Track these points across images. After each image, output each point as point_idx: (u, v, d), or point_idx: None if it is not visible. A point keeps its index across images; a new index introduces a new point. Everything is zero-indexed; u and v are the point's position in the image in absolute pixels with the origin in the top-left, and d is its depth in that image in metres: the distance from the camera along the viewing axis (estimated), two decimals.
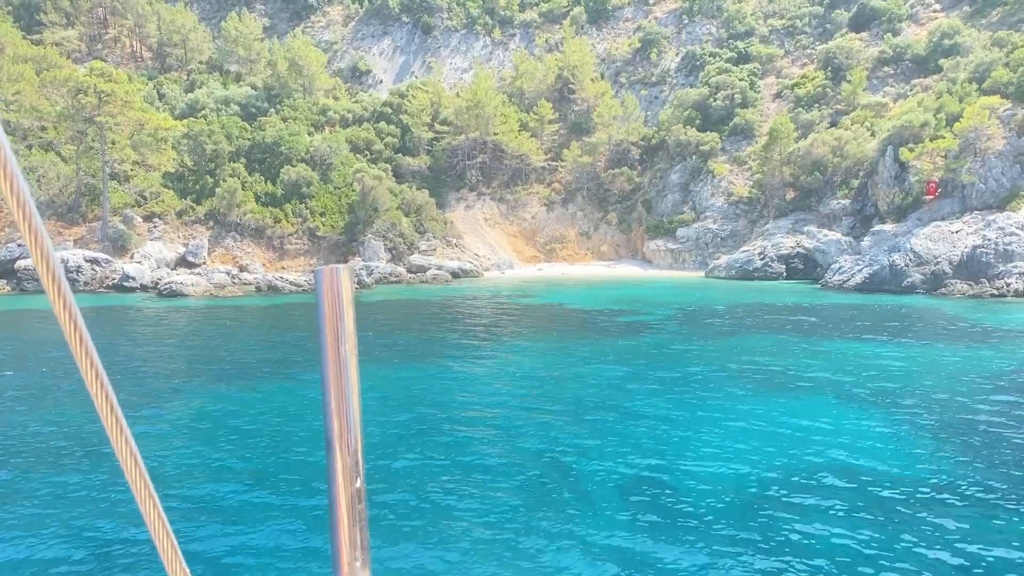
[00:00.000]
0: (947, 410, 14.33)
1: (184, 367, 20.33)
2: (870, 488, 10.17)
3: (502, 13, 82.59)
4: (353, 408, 1.19)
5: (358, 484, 1.19)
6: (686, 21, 76.48)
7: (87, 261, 42.14)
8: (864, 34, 65.63)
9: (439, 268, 51.21)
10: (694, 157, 60.02)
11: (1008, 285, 35.43)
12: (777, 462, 11.28)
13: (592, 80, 70.43)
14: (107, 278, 42.11)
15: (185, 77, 72.18)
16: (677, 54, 74.10)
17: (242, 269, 46.50)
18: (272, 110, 63.92)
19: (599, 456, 11.81)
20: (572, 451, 12.11)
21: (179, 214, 49.70)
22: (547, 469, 11.24)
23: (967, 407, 14.54)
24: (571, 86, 70.47)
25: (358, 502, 1.19)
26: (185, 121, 55.96)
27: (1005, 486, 10.20)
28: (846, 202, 50.92)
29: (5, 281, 40.66)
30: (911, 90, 56.94)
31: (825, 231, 48.89)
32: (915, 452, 11.79)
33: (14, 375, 18.54)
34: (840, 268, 42.52)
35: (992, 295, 35.21)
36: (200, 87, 67.86)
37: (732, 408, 14.60)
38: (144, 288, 41.56)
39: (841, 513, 9.33)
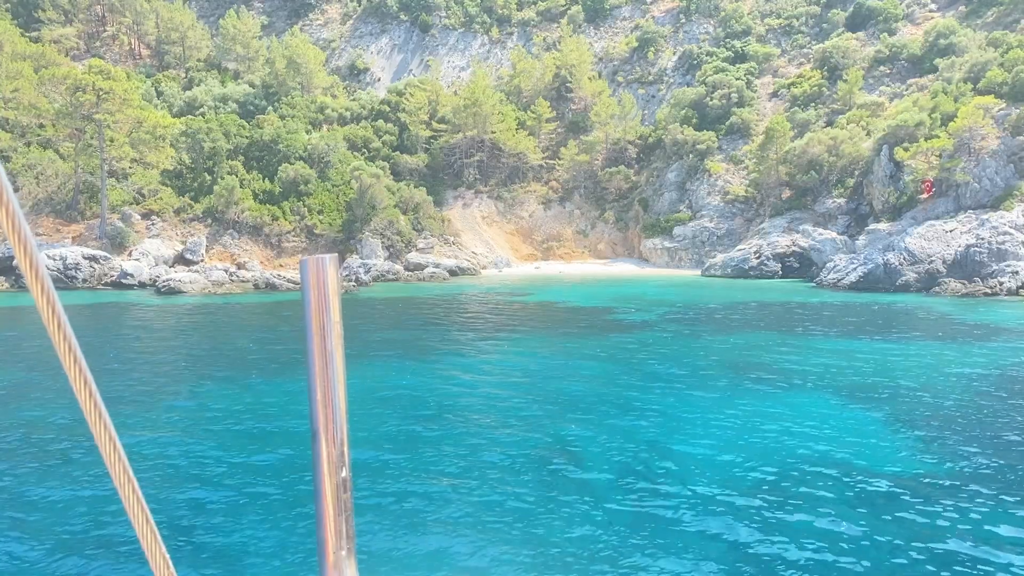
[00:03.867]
0: (939, 406, 14.55)
1: (182, 363, 20.50)
2: (861, 481, 10.38)
3: (500, 12, 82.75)
4: (339, 399, 1.19)
5: (343, 474, 1.20)
6: (683, 20, 76.68)
7: (85, 258, 42.27)
8: (860, 34, 65.88)
9: (436, 266, 51.40)
10: (691, 156, 60.21)
11: (1001, 284, 35.67)
12: (772, 456, 11.49)
13: (589, 79, 70.62)
14: (105, 275, 42.25)
15: (183, 75, 72.31)
16: (674, 53, 74.29)
17: (240, 267, 46.65)
18: (270, 108, 64.06)
19: (593, 449, 12.01)
20: (567, 445, 12.31)
21: (177, 212, 49.85)
22: (541, 464, 11.43)
23: (960, 403, 14.75)
24: (568, 85, 70.65)
25: (343, 492, 1.20)
26: (183, 119, 56.14)
27: (993, 478, 10.42)
28: (841, 201, 51.16)
29: (4, 278, 40.80)
30: (907, 90, 57.18)
31: (820, 230, 49.13)
32: (906, 446, 12.00)
33: (15, 371, 18.71)
34: (835, 267, 42.75)
35: (985, 294, 35.44)
36: (198, 85, 68.00)
37: (727, 404, 14.80)
38: (142, 285, 41.70)
39: (833, 505, 9.54)
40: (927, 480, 10.42)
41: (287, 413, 14.36)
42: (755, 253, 49.89)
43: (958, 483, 10.28)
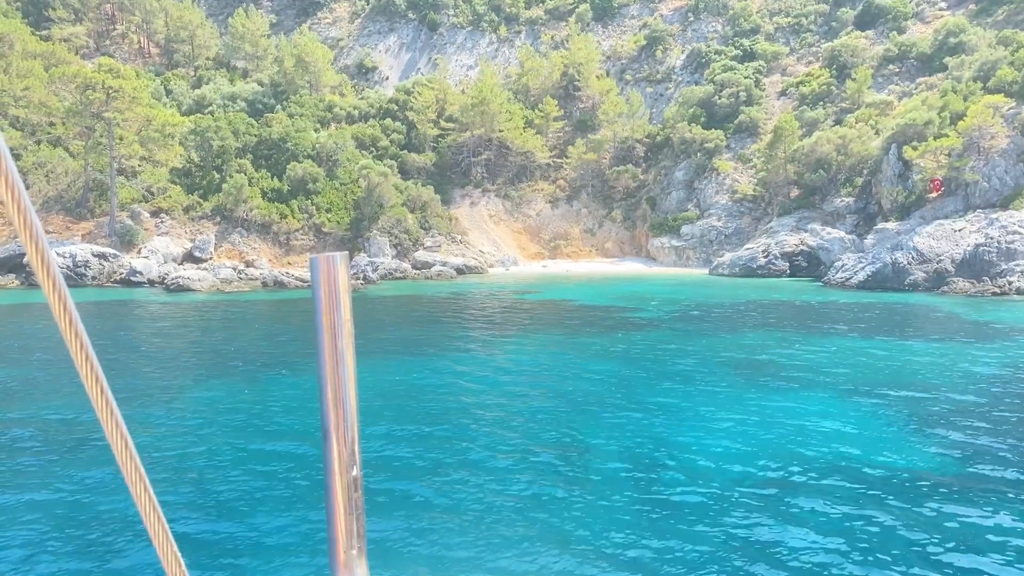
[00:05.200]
0: (950, 404, 14.53)
1: (191, 361, 20.62)
2: (872, 479, 10.39)
3: (508, 10, 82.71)
4: (349, 397, 1.18)
5: (354, 473, 1.19)
6: (692, 19, 76.51)
7: (95, 256, 42.50)
8: (869, 32, 65.62)
9: (444, 264, 51.46)
10: (699, 155, 60.11)
11: (1010, 283, 35.52)
12: (777, 454, 11.51)
13: (597, 77, 70.51)
14: (115, 273, 42.47)
15: (192, 73, 72.54)
16: (682, 52, 74.12)
17: (248, 264, 46.80)
18: (278, 106, 64.24)
19: (600, 448, 12.05)
20: (574, 444, 12.35)
21: (186, 210, 50.04)
22: (548, 462, 11.47)
23: (971, 402, 14.73)
24: (576, 83, 70.58)
25: (354, 491, 1.19)
26: (192, 117, 56.36)
27: (1004, 477, 10.42)
28: (850, 200, 51.00)
29: (14, 275, 41.08)
30: (916, 88, 56.94)
31: (828, 229, 49.00)
32: (917, 444, 12.00)
33: (27, 367, 18.86)
34: (843, 266, 42.64)
35: (994, 293, 35.29)
36: (207, 83, 68.23)
37: (734, 402, 14.82)
38: (151, 283, 41.88)
39: (844, 502, 9.55)
40: (937, 478, 10.42)
41: (297, 411, 14.44)
42: (763, 252, 49.78)
43: (968, 482, 10.28)
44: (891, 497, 9.72)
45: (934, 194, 44.05)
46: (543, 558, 8.15)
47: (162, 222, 48.79)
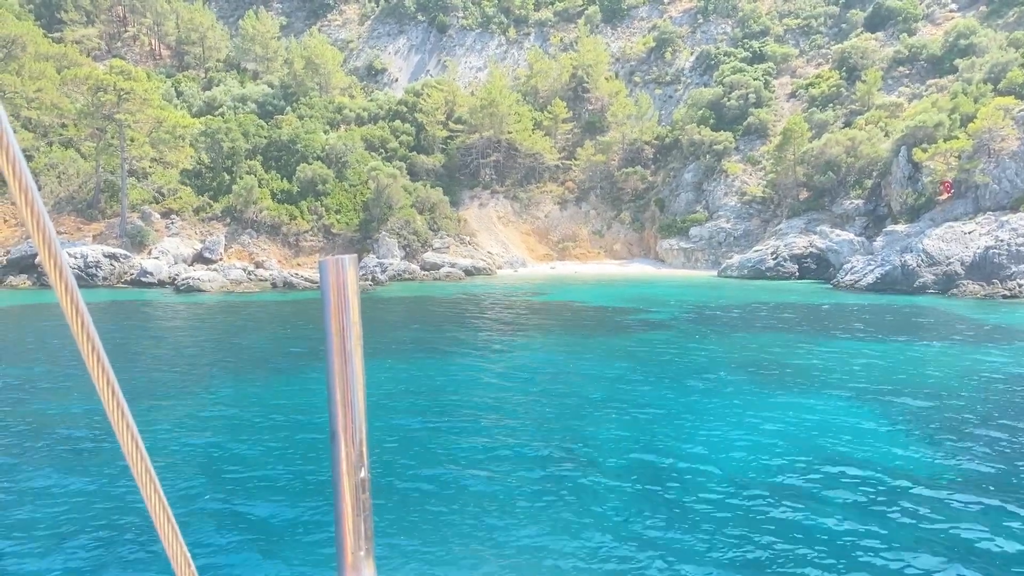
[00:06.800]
0: (960, 408, 14.50)
1: (201, 361, 20.75)
2: (880, 483, 10.40)
3: (517, 12, 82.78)
4: (358, 399, 1.20)
5: (362, 474, 1.21)
6: (701, 20, 76.43)
7: (106, 256, 42.78)
8: (879, 34, 65.41)
9: (452, 266, 51.56)
10: (708, 156, 60.02)
11: (1020, 286, 35.35)
12: (783, 456, 11.53)
13: (606, 79, 70.52)
14: (125, 273, 42.74)
15: (203, 75, 72.92)
16: (691, 53, 74.06)
17: (258, 266, 47.01)
18: (288, 108, 64.46)
19: (607, 450, 12.09)
20: (580, 445, 12.40)
21: (196, 211, 50.30)
22: (559, 463, 11.52)
23: (981, 406, 14.70)
24: (585, 85, 70.56)
25: (362, 492, 1.21)
26: (203, 119, 56.62)
27: (1006, 481, 10.42)
28: (859, 202, 50.86)
29: (26, 276, 41.39)
30: (926, 90, 56.72)
31: (838, 231, 48.85)
32: (926, 448, 12.00)
33: (37, 367, 19.03)
34: (852, 268, 42.52)
35: (1004, 296, 35.14)
36: (218, 85, 68.56)
37: (741, 404, 14.84)
38: (161, 284, 42.12)
39: (851, 506, 9.58)
40: (949, 480, 10.42)
41: (306, 412, 14.53)
42: (772, 254, 49.69)
43: (981, 484, 10.28)
44: (902, 499, 9.73)
45: (944, 196, 43.88)
46: (552, 559, 8.21)
47: (172, 223, 49.05)
